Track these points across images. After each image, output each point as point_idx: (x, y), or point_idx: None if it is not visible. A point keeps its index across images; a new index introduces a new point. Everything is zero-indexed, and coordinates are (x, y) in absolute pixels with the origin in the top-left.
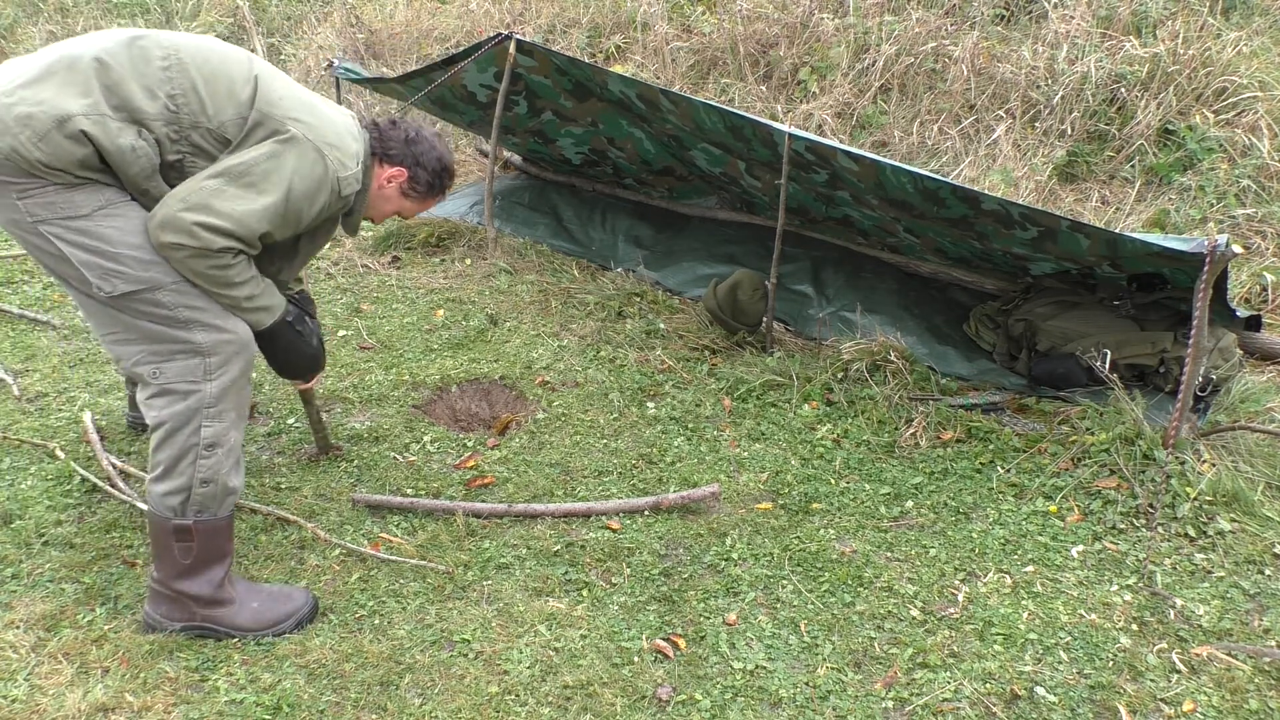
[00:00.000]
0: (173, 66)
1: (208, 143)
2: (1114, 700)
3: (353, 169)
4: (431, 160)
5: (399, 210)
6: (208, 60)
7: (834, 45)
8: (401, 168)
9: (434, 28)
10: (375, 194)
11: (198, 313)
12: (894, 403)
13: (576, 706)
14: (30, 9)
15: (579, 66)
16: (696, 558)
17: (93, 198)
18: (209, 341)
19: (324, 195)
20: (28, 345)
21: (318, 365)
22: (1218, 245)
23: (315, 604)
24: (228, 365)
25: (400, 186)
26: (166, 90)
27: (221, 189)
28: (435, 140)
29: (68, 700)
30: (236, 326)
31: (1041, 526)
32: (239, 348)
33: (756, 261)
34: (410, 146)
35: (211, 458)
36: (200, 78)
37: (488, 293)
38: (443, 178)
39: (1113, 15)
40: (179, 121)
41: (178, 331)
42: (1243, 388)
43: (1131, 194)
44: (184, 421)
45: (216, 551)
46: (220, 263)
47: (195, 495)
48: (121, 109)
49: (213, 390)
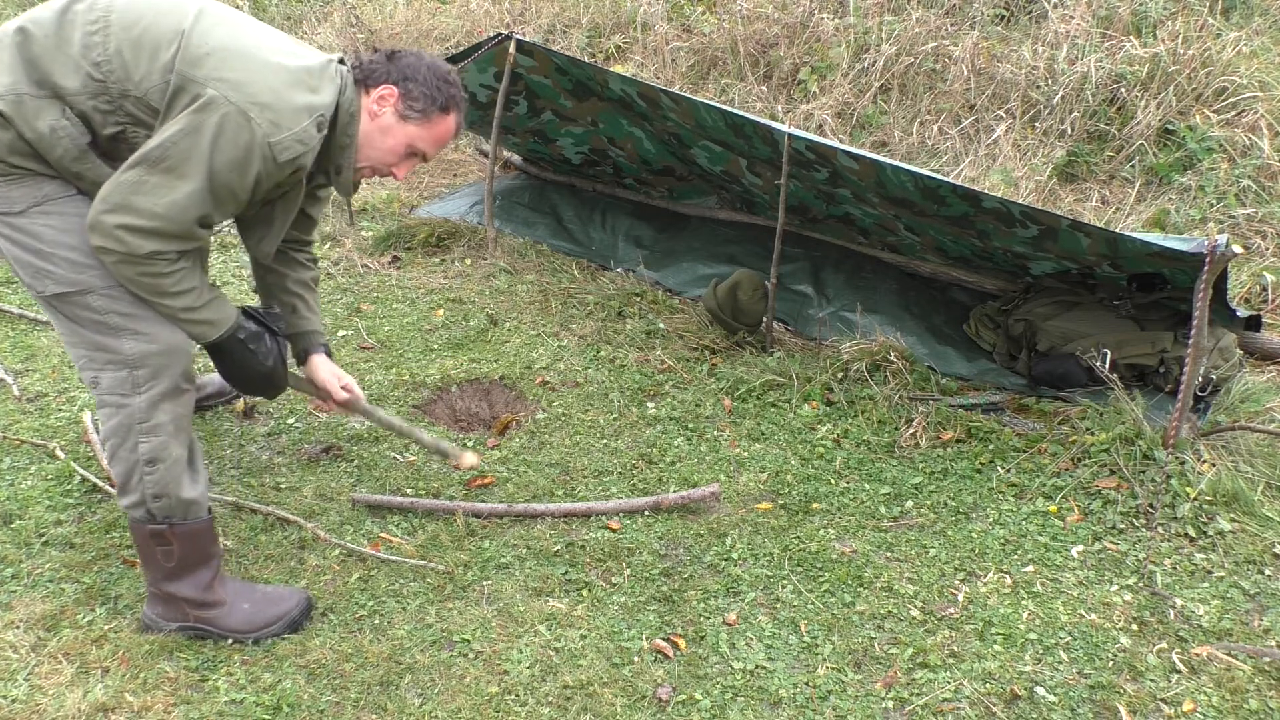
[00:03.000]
0: (99, 31)
1: (140, 111)
2: (1114, 700)
3: (291, 129)
4: (421, 70)
5: (410, 143)
6: (140, 19)
7: (834, 45)
8: (389, 85)
9: (434, 28)
10: (370, 131)
11: (129, 320)
12: (894, 403)
13: (576, 706)
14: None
15: (579, 66)
16: (696, 558)
17: (29, 193)
18: (136, 353)
19: (255, 164)
20: (28, 345)
21: (273, 386)
22: (1218, 245)
23: (309, 604)
24: (157, 379)
25: (395, 109)
26: (92, 58)
27: (141, 180)
28: (422, 54)
29: (68, 700)
30: (170, 337)
31: (1041, 526)
32: (169, 359)
33: (756, 261)
34: (393, 62)
35: (155, 473)
36: (127, 41)
37: (488, 293)
38: (442, 87)
39: (1113, 15)
40: (108, 91)
41: (109, 339)
42: (1243, 388)
43: (1131, 194)
44: (122, 438)
45: (199, 554)
46: (152, 270)
47: (154, 508)
48: (44, 84)
49: (141, 404)
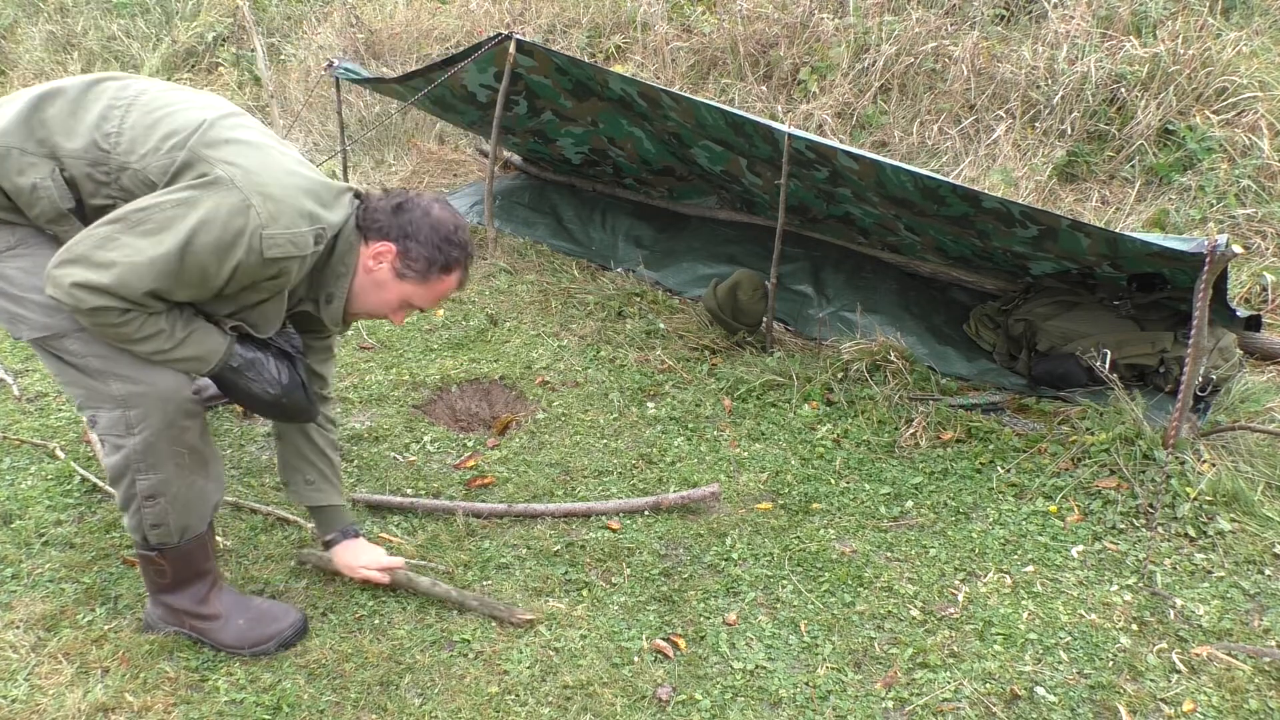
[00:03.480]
0: (122, 108)
1: (136, 186)
2: (1114, 700)
3: (287, 231)
4: (423, 229)
5: (404, 299)
6: (165, 106)
7: (834, 45)
8: (388, 242)
9: (434, 28)
10: (365, 280)
11: (109, 363)
12: (894, 403)
13: (576, 706)
14: (30, 9)
15: (579, 66)
16: (696, 558)
17: (2, 239)
18: (124, 394)
19: (238, 252)
20: (27, 345)
21: (288, 413)
22: (1218, 245)
23: (304, 625)
24: (148, 419)
25: (392, 266)
26: (104, 129)
27: (109, 236)
28: (433, 206)
29: (68, 700)
30: (154, 378)
31: (1041, 526)
32: (158, 400)
33: (756, 261)
34: (397, 215)
35: (155, 506)
36: (144, 122)
37: (488, 293)
38: (443, 250)
39: (1113, 15)
40: (108, 162)
41: (94, 382)
42: (1243, 388)
43: (1131, 194)
44: (120, 474)
45: (192, 572)
46: (104, 320)
47: (150, 535)
48: (45, 144)
49: (137, 445)
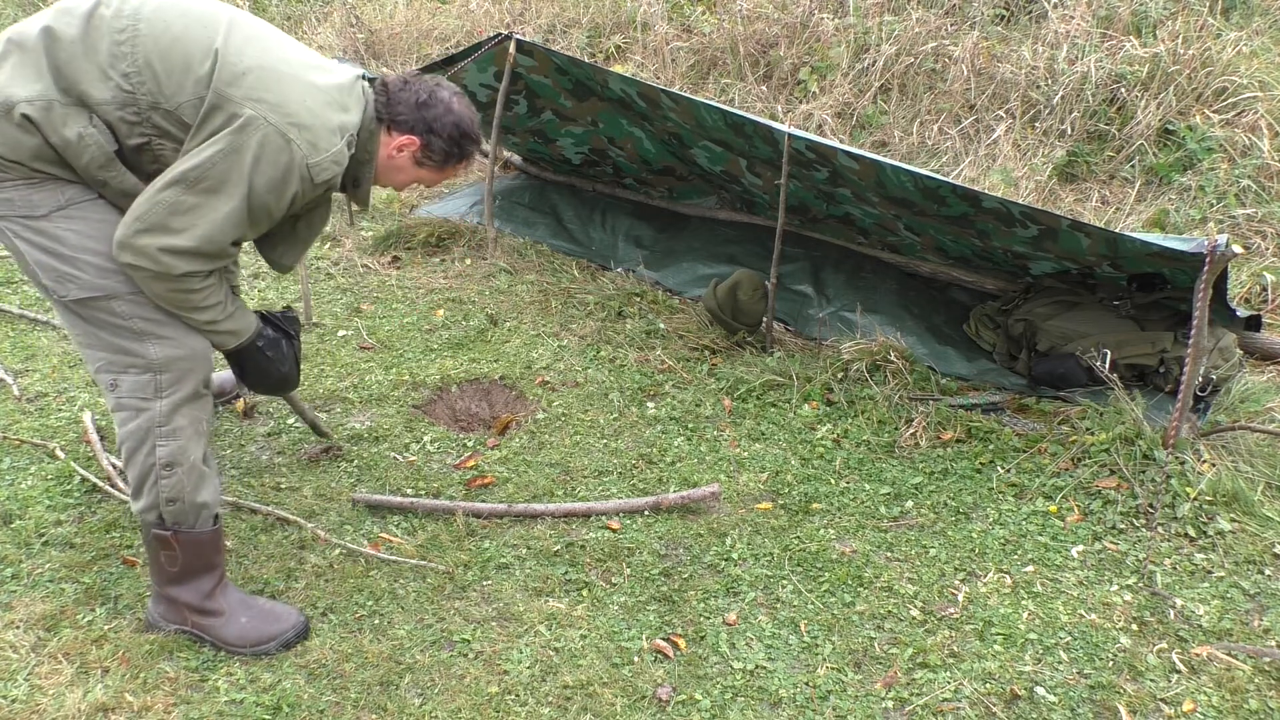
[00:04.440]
0: (128, 40)
1: (170, 124)
2: (1114, 700)
3: (329, 150)
4: (447, 126)
5: (417, 180)
6: (168, 29)
7: (834, 45)
8: (412, 135)
9: (434, 28)
10: (385, 164)
11: (154, 325)
12: (894, 403)
13: (576, 706)
14: (30, 9)
15: (579, 66)
16: (696, 558)
17: (52, 197)
18: (162, 357)
19: (293, 185)
20: (28, 345)
21: (287, 387)
22: (1218, 245)
23: (305, 627)
24: (180, 383)
25: (413, 156)
26: (121, 69)
27: (178, 201)
28: (454, 101)
29: (68, 700)
30: (194, 342)
31: (1041, 526)
32: (193, 364)
33: (756, 261)
34: (422, 111)
35: (172, 477)
36: (157, 52)
37: (488, 293)
38: (462, 144)
39: (1113, 15)
40: (137, 103)
41: (132, 344)
42: (1243, 388)
43: (1131, 194)
44: (140, 441)
45: (203, 563)
46: (184, 287)
47: (166, 512)
48: (70, 92)
49: (163, 408)
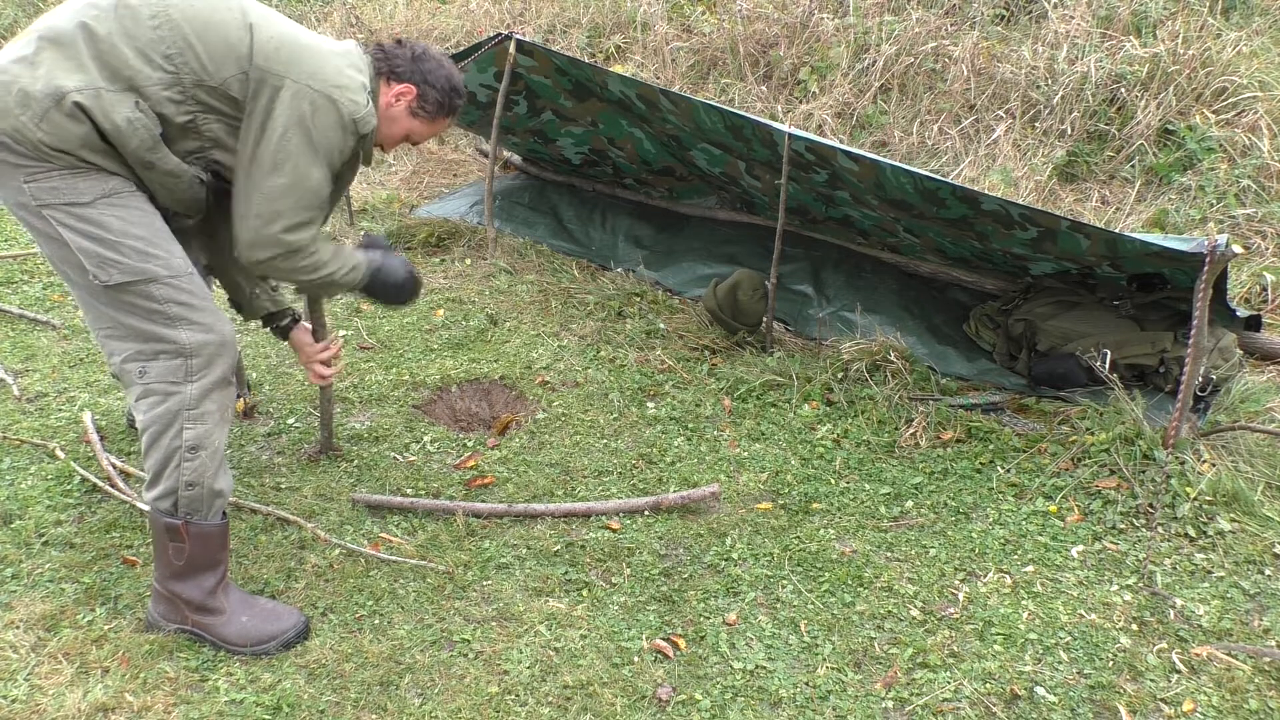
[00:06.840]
0: (163, 25)
1: (215, 99)
2: (1114, 700)
3: (365, 104)
4: (441, 78)
5: (409, 132)
6: (197, 11)
7: (834, 45)
8: (409, 84)
9: (434, 28)
10: (382, 113)
11: (187, 310)
12: (894, 403)
13: (576, 706)
14: (30, 9)
15: (579, 66)
16: (696, 558)
17: (96, 185)
18: (193, 342)
19: (350, 140)
20: (28, 345)
21: (419, 286)
22: (1217, 245)
23: (306, 628)
24: (210, 367)
25: (409, 105)
26: (162, 50)
27: (272, 186)
28: (443, 59)
29: (68, 700)
30: (225, 328)
31: (1041, 526)
32: (222, 349)
33: (756, 261)
34: (418, 63)
35: (195, 460)
36: (193, 32)
37: (488, 293)
38: (453, 96)
39: (1113, 15)
40: (180, 82)
41: (164, 329)
42: (1243, 388)
43: (1131, 194)
44: (166, 424)
45: (208, 558)
46: (309, 252)
47: (182, 498)
48: (117, 78)
49: (193, 392)
